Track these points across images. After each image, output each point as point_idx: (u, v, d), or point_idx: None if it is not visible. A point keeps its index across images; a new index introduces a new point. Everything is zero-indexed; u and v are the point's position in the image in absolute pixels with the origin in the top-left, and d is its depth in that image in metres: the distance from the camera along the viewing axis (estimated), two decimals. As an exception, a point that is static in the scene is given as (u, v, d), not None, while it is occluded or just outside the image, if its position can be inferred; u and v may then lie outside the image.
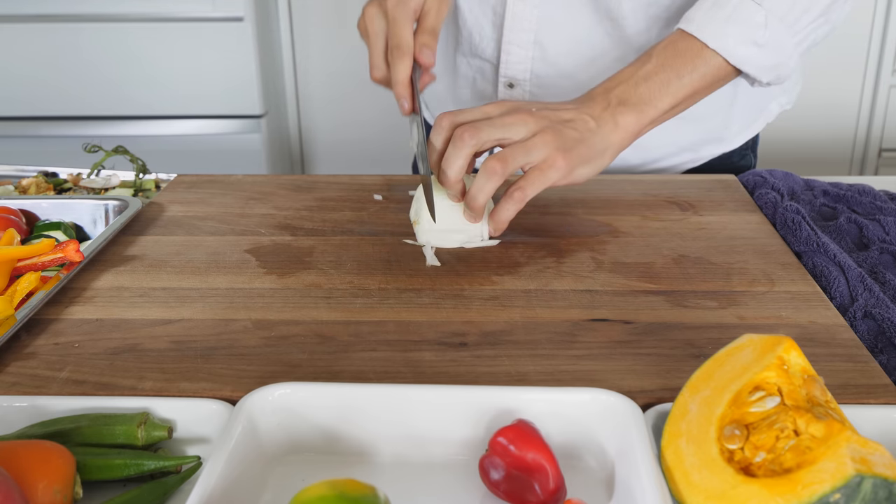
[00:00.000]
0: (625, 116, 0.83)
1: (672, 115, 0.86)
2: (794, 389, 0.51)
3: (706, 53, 0.84)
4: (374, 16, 0.85)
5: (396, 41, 0.84)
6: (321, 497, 0.45)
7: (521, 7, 1.01)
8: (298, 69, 2.60)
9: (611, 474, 0.55)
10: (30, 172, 1.10)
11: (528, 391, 0.57)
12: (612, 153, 0.84)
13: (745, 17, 0.83)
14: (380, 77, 0.86)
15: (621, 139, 0.84)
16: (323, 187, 1.00)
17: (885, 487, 0.44)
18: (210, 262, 0.81)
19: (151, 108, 2.34)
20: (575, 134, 0.81)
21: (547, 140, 0.79)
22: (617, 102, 0.84)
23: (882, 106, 2.50)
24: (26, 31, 2.26)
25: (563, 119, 0.82)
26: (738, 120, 1.10)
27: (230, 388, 0.62)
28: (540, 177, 0.80)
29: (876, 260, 0.82)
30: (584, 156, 0.81)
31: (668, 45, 0.86)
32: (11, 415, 0.58)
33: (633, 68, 0.86)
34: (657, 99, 0.84)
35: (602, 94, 0.85)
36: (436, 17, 0.86)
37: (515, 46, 1.03)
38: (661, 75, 0.84)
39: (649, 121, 0.85)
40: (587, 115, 0.83)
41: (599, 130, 0.83)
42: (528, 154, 0.79)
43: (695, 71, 0.85)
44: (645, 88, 0.84)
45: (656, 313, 0.72)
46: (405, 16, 0.84)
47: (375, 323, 0.71)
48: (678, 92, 0.85)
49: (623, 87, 0.85)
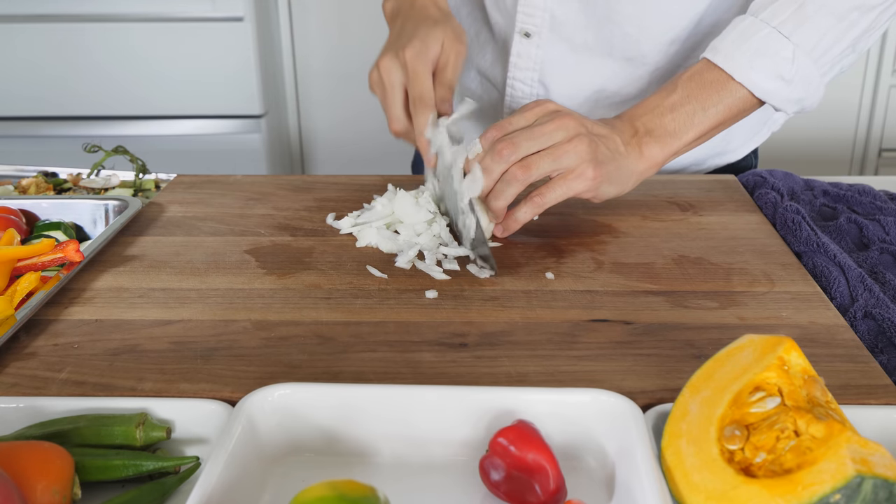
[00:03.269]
0: (650, 147, 0.83)
1: (695, 145, 0.86)
2: (794, 390, 0.51)
3: (732, 85, 0.83)
4: (391, 68, 0.84)
5: (419, 93, 0.82)
6: (321, 498, 0.45)
7: (525, 46, 1.00)
8: (298, 69, 2.59)
9: (611, 475, 0.55)
10: (30, 172, 1.10)
11: (528, 392, 0.57)
12: (634, 181, 0.84)
13: (772, 50, 0.82)
14: (401, 129, 0.85)
15: (645, 168, 0.84)
16: (323, 187, 1.00)
17: (885, 488, 0.44)
18: (210, 263, 0.81)
19: (151, 108, 2.34)
20: (607, 151, 0.81)
21: (580, 150, 0.79)
22: (644, 132, 0.84)
23: (882, 106, 2.50)
24: (26, 31, 2.25)
25: (598, 133, 0.82)
26: (741, 135, 1.10)
27: (230, 388, 0.62)
28: (563, 185, 0.79)
29: (876, 260, 0.82)
30: (612, 175, 0.81)
31: (694, 76, 0.85)
32: (10, 416, 0.58)
33: (658, 98, 0.85)
34: (682, 131, 0.84)
35: (629, 122, 0.84)
36: (453, 71, 0.85)
37: (520, 83, 1.03)
38: (687, 107, 0.84)
39: (673, 152, 0.84)
40: (618, 138, 0.83)
41: (627, 156, 0.83)
42: (557, 162, 0.78)
43: (720, 103, 0.84)
44: (670, 119, 0.84)
45: (656, 314, 0.72)
46: (425, 68, 0.83)
47: (375, 323, 0.71)
48: (703, 123, 0.84)
49: (649, 116, 0.84)
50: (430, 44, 0.83)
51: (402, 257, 0.80)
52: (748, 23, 0.83)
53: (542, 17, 0.98)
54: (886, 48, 2.44)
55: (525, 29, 0.99)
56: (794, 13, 0.81)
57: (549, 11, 0.97)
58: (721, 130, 0.87)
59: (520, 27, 0.99)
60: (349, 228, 0.87)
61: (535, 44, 0.99)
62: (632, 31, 0.96)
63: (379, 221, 0.86)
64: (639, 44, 0.97)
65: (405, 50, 0.83)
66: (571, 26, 0.98)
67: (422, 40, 0.83)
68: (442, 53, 0.85)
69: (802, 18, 0.81)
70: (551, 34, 0.99)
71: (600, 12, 0.96)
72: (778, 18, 0.82)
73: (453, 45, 0.85)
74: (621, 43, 0.97)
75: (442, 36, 0.84)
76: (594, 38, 0.98)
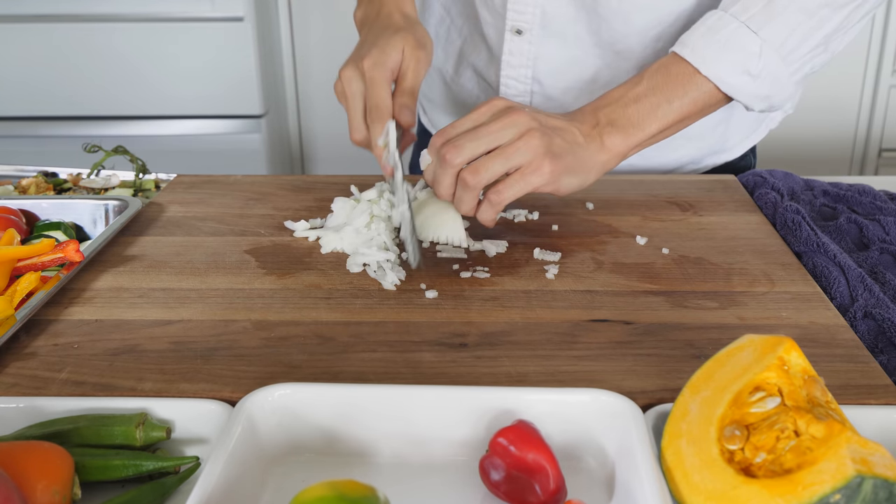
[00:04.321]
0: (612, 137, 0.83)
1: (660, 138, 0.85)
2: (794, 390, 0.51)
3: (697, 79, 0.83)
4: (351, 78, 0.84)
5: (375, 102, 0.82)
6: (321, 498, 0.45)
7: (516, 43, 1.00)
8: (298, 69, 2.59)
9: (611, 475, 0.55)
10: (30, 172, 1.10)
11: (528, 392, 0.57)
12: (597, 172, 0.83)
13: (740, 44, 0.81)
14: (360, 139, 0.85)
15: (607, 159, 0.83)
16: (323, 187, 1.00)
17: (885, 488, 0.44)
18: (210, 263, 0.81)
19: (152, 108, 2.33)
20: (563, 143, 0.80)
21: (532, 144, 0.77)
22: (605, 122, 0.83)
23: (882, 106, 2.50)
24: (26, 31, 2.25)
25: (553, 125, 0.81)
26: (737, 133, 1.09)
27: (230, 389, 0.62)
28: (520, 180, 0.78)
29: (876, 260, 0.82)
30: (571, 166, 0.80)
31: (660, 69, 0.84)
32: (10, 416, 0.58)
33: (623, 89, 0.85)
34: (645, 123, 0.83)
35: (591, 113, 0.84)
36: (414, 78, 0.85)
37: (513, 80, 1.03)
38: (651, 99, 0.83)
39: (636, 143, 0.84)
40: (576, 129, 0.82)
41: (587, 147, 0.82)
42: (508, 160, 0.77)
43: (685, 96, 0.83)
44: (634, 111, 0.83)
45: (656, 314, 0.72)
46: (382, 77, 0.83)
47: (375, 323, 0.71)
48: (667, 116, 0.83)
49: (612, 107, 0.84)
50: (389, 52, 0.84)
51: (350, 261, 0.80)
52: (717, 17, 0.83)
53: (532, 13, 0.98)
54: (886, 48, 2.44)
55: (516, 26, 0.99)
56: (764, 8, 0.81)
57: (541, 7, 0.97)
58: (687, 125, 0.86)
59: (510, 24, 0.99)
60: (303, 232, 0.87)
61: (527, 40, 0.99)
62: (619, 27, 0.96)
63: (341, 226, 0.85)
64: (626, 38, 0.97)
65: (364, 60, 0.83)
66: (562, 20, 0.98)
67: (381, 49, 0.84)
68: (403, 61, 0.85)
69: (772, 14, 0.81)
70: (542, 30, 0.99)
71: (588, 5, 0.96)
72: (747, 13, 0.82)
73: (413, 52, 0.85)
74: (610, 37, 0.97)
75: (402, 44, 0.85)
76: (585, 32, 0.98)
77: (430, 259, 0.81)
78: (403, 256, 0.81)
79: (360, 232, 0.83)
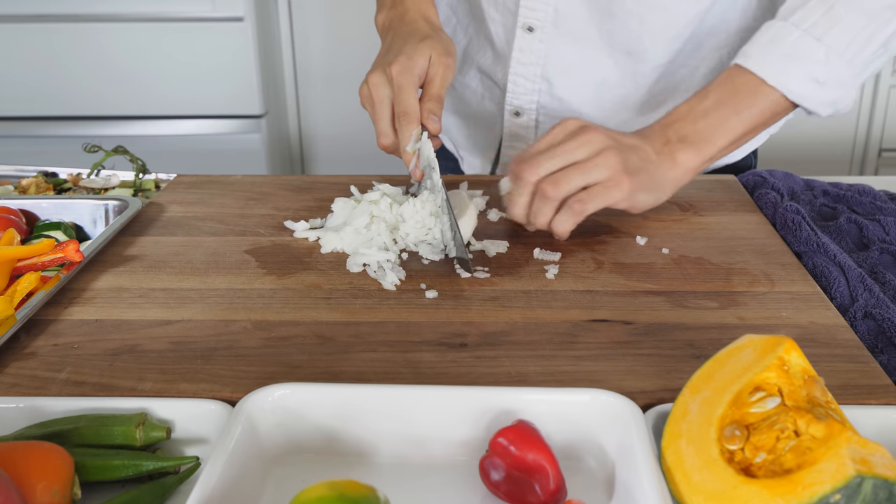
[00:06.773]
0: (684, 153, 0.83)
1: (730, 151, 0.86)
2: (794, 390, 0.51)
3: (765, 89, 0.83)
4: (379, 83, 0.85)
5: (403, 108, 0.83)
6: (321, 498, 0.45)
7: (527, 41, 1.00)
8: (298, 69, 2.59)
9: (611, 475, 0.55)
10: (30, 172, 1.10)
11: (528, 392, 0.57)
12: (670, 189, 0.84)
13: (804, 53, 0.82)
14: (388, 144, 0.86)
15: (680, 176, 0.84)
16: (323, 187, 1.00)
17: (885, 488, 0.44)
18: (210, 263, 0.81)
19: (151, 108, 2.34)
20: (638, 160, 0.81)
21: (610, 161, 0.79)
22: (676, 139, 0.84)
23: (882, 106, 2.50)
24: (26, 31, 2.26)
25: (627, 143, 0.82)
26: None
27: (230, 389, 0.62)
28: (603, 193, 0.79)
29: (876, 260, 0.82)
30: (646, 183, 0.81)
31: (726, 81, 0.85)
32: (10, 416, 0.58)
33: (690, 104, 0.85)
34: (716, 136, 0.84)
35: (661, 130, 0.85)
36: (441, 84, 0.86)
37: (522, 78, 1.03)
38: (720, 112, 0.84)
39: (707, 158, 0.84)
40: (649, 147, 0.83)
41: (660, 164, 0.83)
42: (587, 175, 0.79)
43: (753, 107, 0.84)
44: (703, 125, 0.84)
45: (656, 314, 0.72)
46: (410, 83, 0.84)
47: (375, 323, 0.71)
48: (736, 128, 0.84)
49: (681, 123, 0.84)
50: (416, 59, 0.85)
51: (350, 261, 0.80)
52: (778, 27, 0.83)
53: (545, 10, 0.98)
54: (886, 48, 2.44)
55: (528, 24, 0.99)
56: (825, 15, 0.81)
57: (553, 5, 0.97)
58: (755, 135, 0.87)
59: (522, 22, 0.99)
60: (303, 232, 0.87)
61: (539, 38, 1.00)
62: (634, 27, 0.96)
63: (341, 226, 0.85)
64: (641, 38, 0.97)
65: (392, 66, 0.85)
66: (575, 19, 0.98)
67: (408, 56, 0.85)
68: (430, 67, 0.86)
69: (833, 20, 0.81)
70: (554, 28, 0.99)
71: (603, 5, 0.96)
72: (808, 21, 0.82)
73: (440, 59, 0.86)
74: (623, 38, 0.97)
75: (429, 51, 0.86)
76: (597, 32, 0.98)
77: (430, 259, 0.81)
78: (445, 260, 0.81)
79: (360, 232, 0.83)
